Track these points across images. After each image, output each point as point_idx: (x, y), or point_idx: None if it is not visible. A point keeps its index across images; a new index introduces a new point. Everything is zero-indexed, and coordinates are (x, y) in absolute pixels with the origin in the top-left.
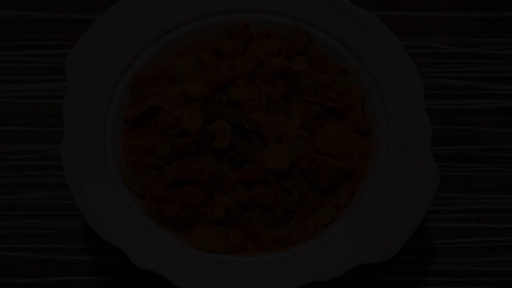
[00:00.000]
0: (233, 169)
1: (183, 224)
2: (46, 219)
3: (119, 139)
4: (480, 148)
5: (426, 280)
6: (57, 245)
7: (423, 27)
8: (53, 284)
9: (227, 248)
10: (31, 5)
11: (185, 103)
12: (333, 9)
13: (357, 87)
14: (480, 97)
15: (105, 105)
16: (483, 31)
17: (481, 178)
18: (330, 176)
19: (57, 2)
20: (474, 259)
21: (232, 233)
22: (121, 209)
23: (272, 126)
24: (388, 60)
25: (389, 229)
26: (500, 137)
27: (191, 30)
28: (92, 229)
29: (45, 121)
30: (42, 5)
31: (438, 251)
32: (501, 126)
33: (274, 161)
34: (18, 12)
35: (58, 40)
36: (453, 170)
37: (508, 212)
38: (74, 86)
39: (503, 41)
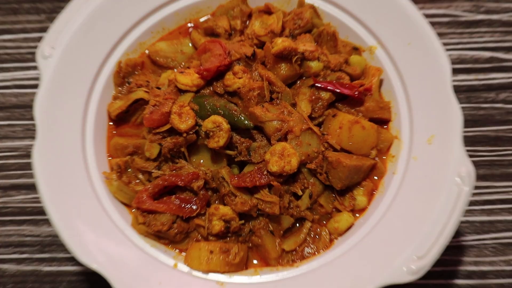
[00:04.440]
0: (232, 173)
1: (176, 238)
2: (30, 225)
3: (102, 139)
4: (510, 129)
5: (455, 284)
6: (43, 254)
7: None
8: None
9: (228, 267)
10: None
11: (175, 95)
12: None
13: (373, 68)
14: (507, 70)
15: (84, 98)
16: None
17: None
18: (346, 176)
19: None
20: (509, 257)
21: (233, 248)
22: (104, 223)
23: (276, 120)
24: (408, 34)
25: (417, 240)
26: None
27: (181, 7)
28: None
29: (28, 114)
30: None
31: (467, 249)
32: None
33: (279, 163)
34: None
35: (41, 22)
36: (480, 155)
37: None
38: (47, 77)
39: None
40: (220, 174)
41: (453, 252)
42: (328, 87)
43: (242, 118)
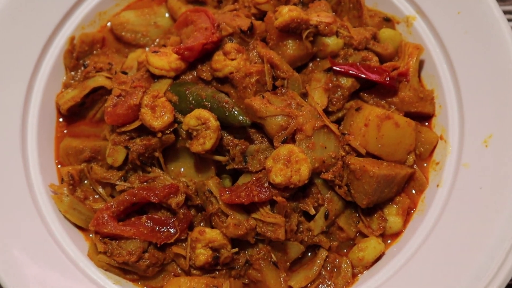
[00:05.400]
0: (223, 185)
1: (148, 272)
2: None
3: (48, 140)
4: None
5: None
6: None
7: None
8: None
9: None
10: None
11: (146, 82)
12: None
13: (410, 45)
14: None
15: (24, 87)
16: None
17: None
18: (374, 190)
19: None
20: None
21: (224, 286)
22: (52, 254)
23: (281, 115)
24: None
25: (470, 275)
26: None
27: None
28: None
29: None
30: None
31: None
32: None
33: (285, 172)
34: None
35: None
36: None
37: None
38: None
39: None
40: (206, 187)
41: None
42: (350, 71)
43: (236, 112)
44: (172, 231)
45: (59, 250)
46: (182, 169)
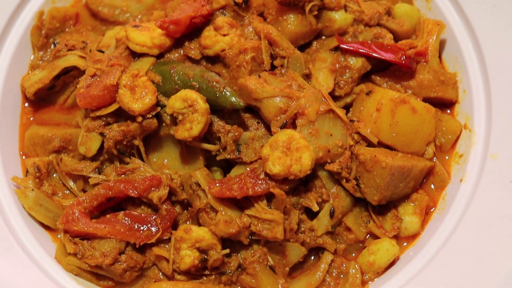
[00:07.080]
0: (212, 177)
1: (126, 277)
2: None
3: (12, 128)
4: None
5: None
6: None
7: None
8: None
9: None
10: None
11: (125, 60)
12: None
13: (430, 22)
14: None
15: None
16: None
17: None
18: (387, 184)
19: None
20: None
21: None
22: (14, 256)
23: (280, 96)
24: None
25: (499, 284)
26: None
27: None
28: None
29: None
30: None
31: None
32: None
33: (284, 161)
34: None
35: None
36: None
37: None
38: None
39: None
40: (193, 179)
41: None
42: (360, 50)
43: (228, 93)
44: (153, 230)
45: (22, 252)
46: (166, 160)
